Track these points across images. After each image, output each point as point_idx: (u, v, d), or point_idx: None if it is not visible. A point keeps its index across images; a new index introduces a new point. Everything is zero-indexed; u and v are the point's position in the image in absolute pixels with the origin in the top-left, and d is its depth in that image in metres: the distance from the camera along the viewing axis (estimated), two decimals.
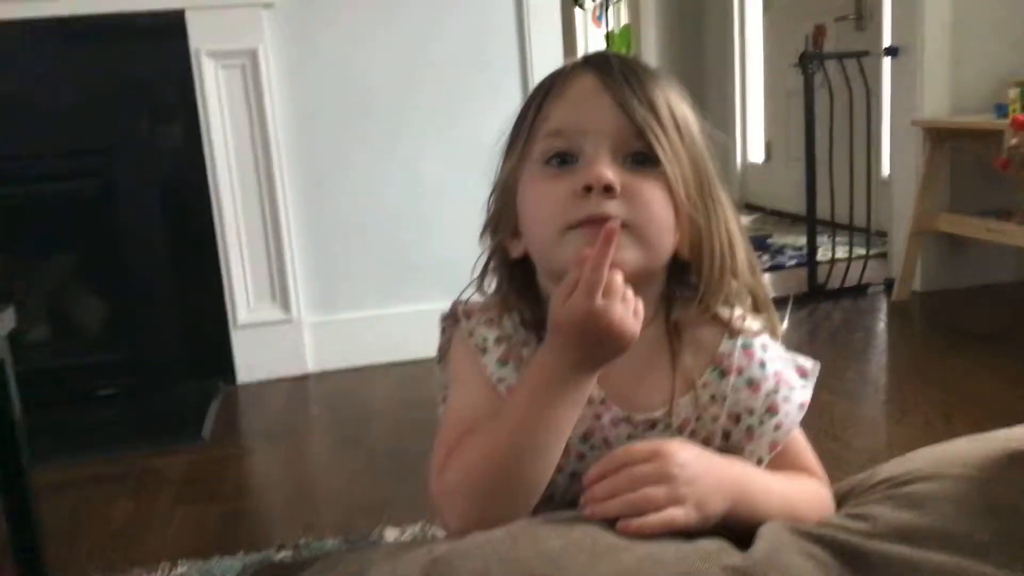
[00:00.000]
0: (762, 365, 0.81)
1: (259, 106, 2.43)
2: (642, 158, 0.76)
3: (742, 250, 0.81)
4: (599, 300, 0.68)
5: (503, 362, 0.81)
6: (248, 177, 2.46)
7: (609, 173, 0.74)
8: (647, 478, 0.70)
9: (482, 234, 0.87)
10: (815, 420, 1.96)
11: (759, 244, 3.99)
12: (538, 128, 0.79)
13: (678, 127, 0.78)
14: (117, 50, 2.37)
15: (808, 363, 0.86)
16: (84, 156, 2.39)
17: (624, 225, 0.73)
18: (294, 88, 2.48)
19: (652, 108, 0.77)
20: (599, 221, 0.72)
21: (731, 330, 0.81)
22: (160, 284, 2.44)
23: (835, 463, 1.67)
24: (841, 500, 0.81)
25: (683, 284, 0.82)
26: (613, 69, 0.78)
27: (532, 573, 0.62)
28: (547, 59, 2.56)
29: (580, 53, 0.88)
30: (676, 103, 0.79)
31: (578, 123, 0.77)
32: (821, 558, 0.66)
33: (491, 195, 0.86)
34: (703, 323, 0.81)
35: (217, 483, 1.85)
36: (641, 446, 0.72)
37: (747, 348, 0.81)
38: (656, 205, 0.76)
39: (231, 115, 2.43)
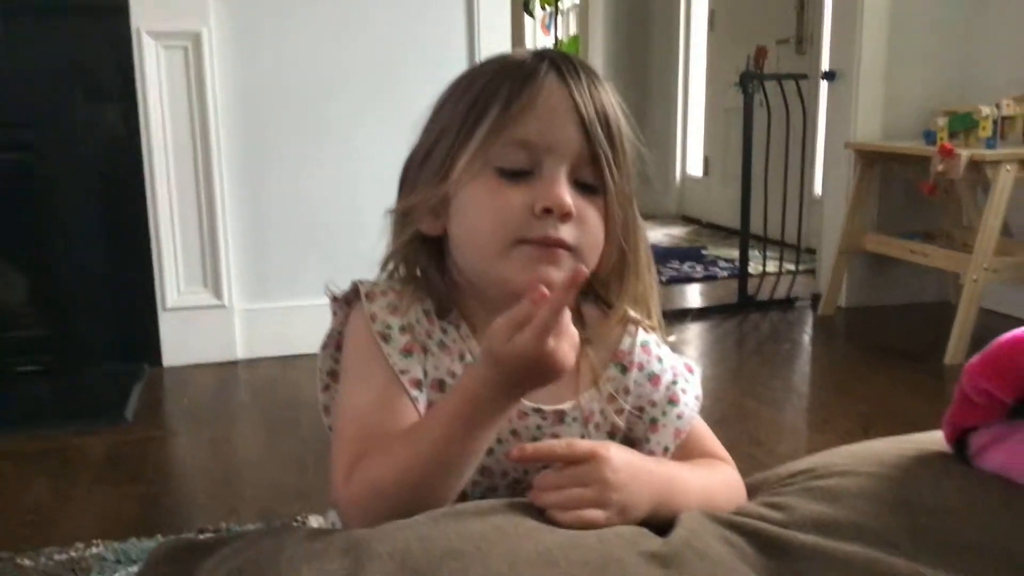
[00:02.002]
0: (660, 360, 0.85)
1: (200, 89, 2.39)
2: (589, 181, 0.78)
3: (643, 251, 0.84)
4: (551, 342, 0.66)
5: (407, 353, 0.78)
6: (185, 160, 2.41)
7: (569, 199, 0.75)
8: (581, 479, 0.71)
9: (396, 211, 0.83)
10: (739, 425, 2.01)
11: (693, 255, 4.06)
12: (502, 128, 0.76)
13: (623, 148, 0.79)
14: (56, 26, 2.30)
15: (692, 363, 0.90)
16: (13, 128, 2.32)
17: (568, 249, 0.75)
18: (236, 73, 2.45)
19: (608, 131, 0.77)
20: (551, 244, 0.74)
21: (632, 322, 0.84)
22: (88, 262, 2.38)
23: (757, 468, 1.70)
24: (755, 491, 0.84)
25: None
26: (581, 81, 0.77)
27: (453, 549, 0.63)
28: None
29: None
30: (621, 118, 0.80)
31: (546, 139, 0.76)
32: (738, 544, 0.68)
33: (414, 170, 0.83)
34: (604, 321, 0.83)
35: (138, 465, 1.81)
36: (581, 445, 0.72)
37: (645, 345, 0.85)
38: (598, 231, 0.78)
39: (170, 97, 2.38)
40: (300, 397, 2.24)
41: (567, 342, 0.68)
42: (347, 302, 0.84)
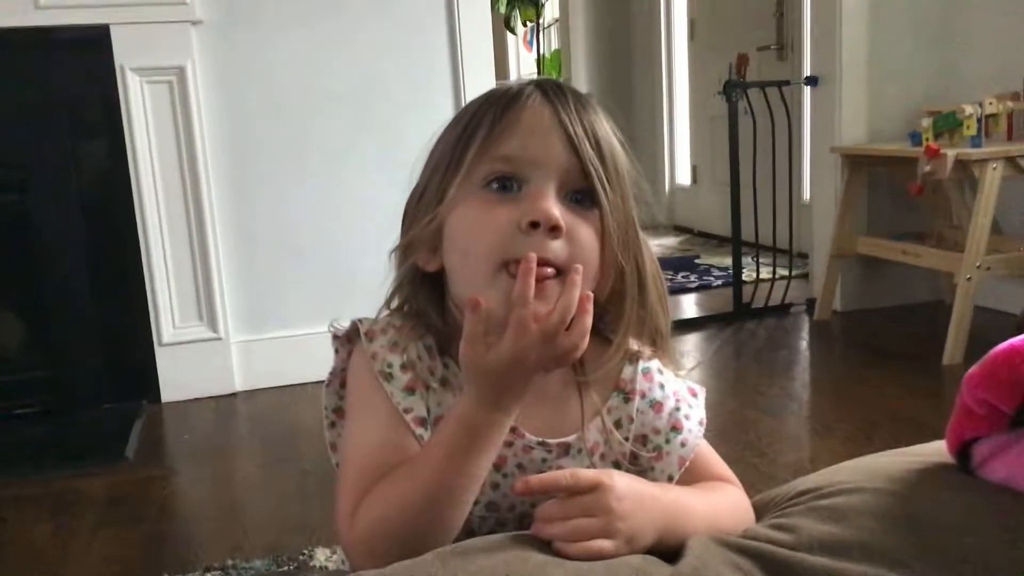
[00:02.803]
0: (662, 387, 0.84)
1: (187, 123, 2.40)
2: (581, 197, 0.76)
3: (654, 283, 0.82)
4: (533, 328, 0.67)
5: (409, 391, 0.78)
6: (174, 194, 2.41)
7: (557, 212, 0.73)
8: (586, 509, 0.70)
9: (398, 249, 0.83)
10: (740, 435, 2.02)
11: (687, 264, 4.07)
12: (486, 150, 0.76)
13: (617, 168, 0.78)
14: (39, 64, 2.31)
15: (696, 386, 0.89)
16: (1, 169, 2.32)
17: (558, 269, 0.73)
18: (223, 105, 2.46)
19: (599, 149, 0.77)
20: (539, 264, 0.71)
21: (632, 356, 0.83)
22: (82, 302, 2.38)
23: (761, 478, 1.71)
24: (762, 510, 0.83)
25: None
26: (568, 102, 0.77)
27: None
28: (479, 80, 2.58)
29: (512, 77, 0.88)
30: (615, 142, 0.79)
31: (529, 153, 0.75)
32: (747, 569, 0.67)
33: (411, 203, 0.83)
34: (604, 357, 0.81)
35: (141, 504, 1.80)
36: (585, 474, 0.71)
37: (646, 373, 0.84)
38: (591, 248, 0.76)
39: (157, 132, 2.39)
40: (299, 427, 2.24)
41: (553, 338, 0.68)
42: (348, 340, 0.83)
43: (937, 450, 0.86)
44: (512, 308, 0.68)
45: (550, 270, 0.73)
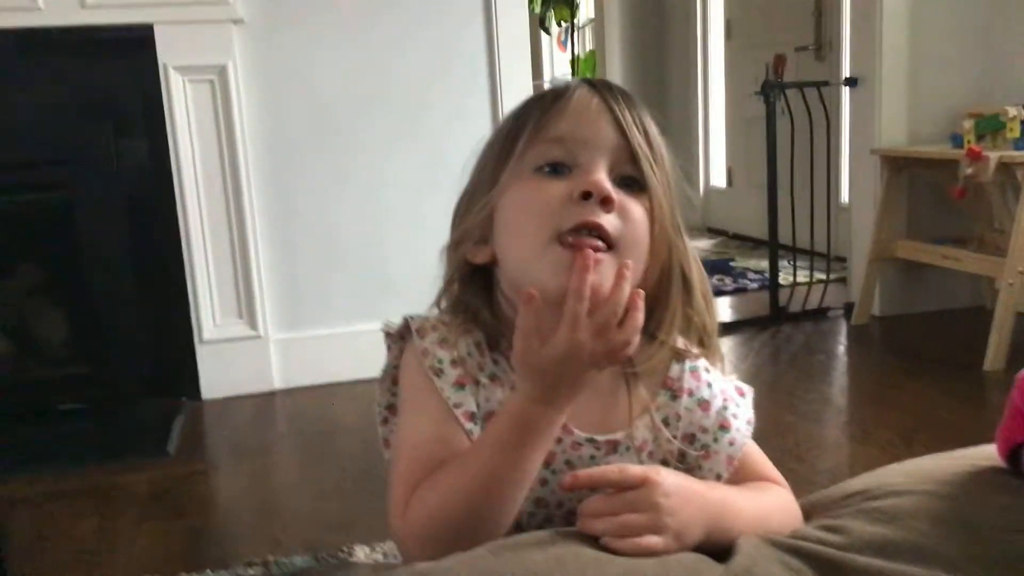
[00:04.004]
0: (709, 385, 0.85)
1: (227, 121, 2.43)
2: (630, 181, 0.78)
3: (699, 282, 0.83)
4: (582, 335, 0.68)
5: (459, 386, 0.79)
6: (215, 193, 2.44)
7: (609, 184, 0.75)
8: (634, 504, 0.70)
9: (448, 247, 0.85)
10: (778, 441, 2.00)
11: (722, 267, 4.05)
12: (536, 134, 0.78)
13: (663, 163, 0.80)
14: (84, 63, 2.35)
15: (744, 386, 0.89)
16: (47, 168, 2.37)
17: (608, 242, 0.75)
18: (263, 104, 2.48)
19: (646, 135, 0.79)
20: (591, 227, 0.74)
21: (679, 354, 0.84)
22: (124, 299, 2.41)
23: (799, 483, 1.69)
24: (808, 512, 0.83)
25: None
26: (616, 95, 0.79)
27: None
28: (516, 82, 2.59)
29: (547, 77, 0.90)
30: (661, 139, 0.81)
31: (579, 133, 0.77)
32: (799, 569, 0.68)
33: (463, 203, 0.85)
34: (653, 348, 0.82)
35: (183, 499, 1.83)
36: (633, 470, 0.72)
37: (694, 371, 0.85)
38: (641, 227, 0.77)
39: (199, 130, 2.42)
40: (337, 425, 2.26)
41: (605, 333, 0.68)
42: (400, 337, 0.85)
43: (986, 453, 0.85)
44: (566, 301, 0.68)
45: (602, 243, 0.74)
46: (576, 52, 6.67)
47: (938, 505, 0.74)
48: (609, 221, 0.75)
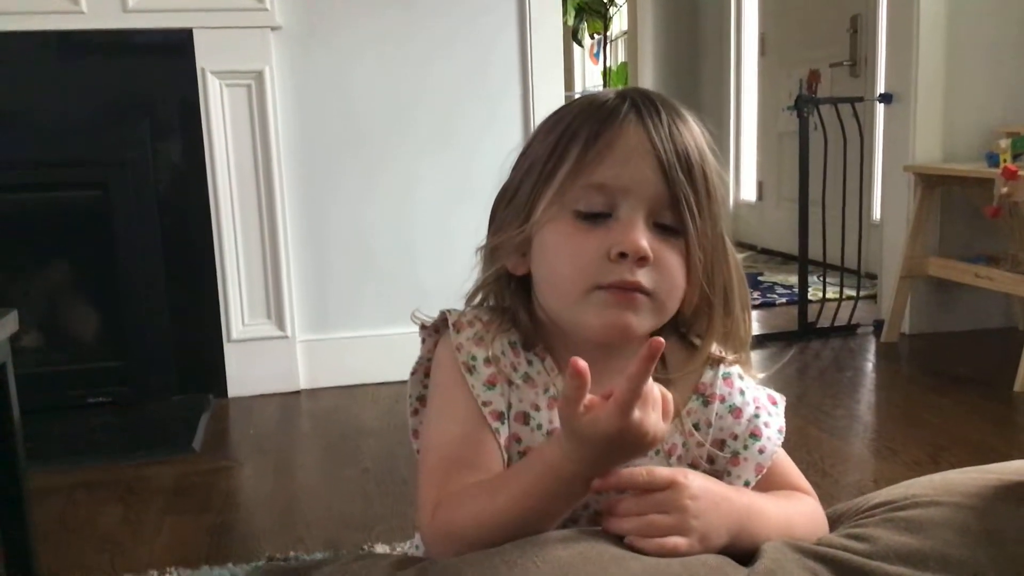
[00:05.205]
0: (742, 393, 0.85)
1: (263, 126, 2.45)
2: (670, 222, 0.77)
3: (739, 293, 0.83)
4: (636, 414, 0.66)
5: (490, 385, 0.79)
6: (248, 195, 2.47)
7: (645, 243, 0.74)
8: (660, 505, 0.71)
9: (485, 249, 0.85)
10: (804, 455, 1.99)
11: (751, 281, 4.03)
12: (579, 172, 0.77)
13: (708, 189, 0.78)
14: (124, 65, 2.39)
15: (776, 394, 0.89)
16: (85, 167, 2.41)
17: (646, 293, 0.75)
18: (298, 109, 2.51)
19: (690, 172, 0.77)
20: (628, 288, 0.74)
21: (712, 360, 0.84)
22: (156, 296, 2.45)
23: (824, 498, 1.67)
24: (834, 523, 0.83)
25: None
26: (662, 121, 0.77)
27: (541, 574, 0.64)
28: (548, 92, 2.60)
29: (578, 89, 0.88)
30: (706, 155, 0.79)
31: (621, 182, 0.76)
32: (822, 574, 0.67)
33: (501, 209, 0.84)
34: (688, 360, 0.83)
35: (207, 495, 1.84)
36: (661, 472, 0.72)
37: (727, 378, 0.85)
38: (677, 274, 0.77)
39: (234, 133, 2.45)
40: (361, 426, 2.27)
41: (654, 411, 0.67)
42: (435, 330, 0.85)
43: (1015, 468, 0.84)
44: (623, 386, 0.66)
45: (639, 295, 0.75)
46: (608, 64, 6.68)
47: (965, 516, 0.74)
48: (644, 276, 0.75)
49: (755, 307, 3.58)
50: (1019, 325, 2.85)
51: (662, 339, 0.66)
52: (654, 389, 0.68)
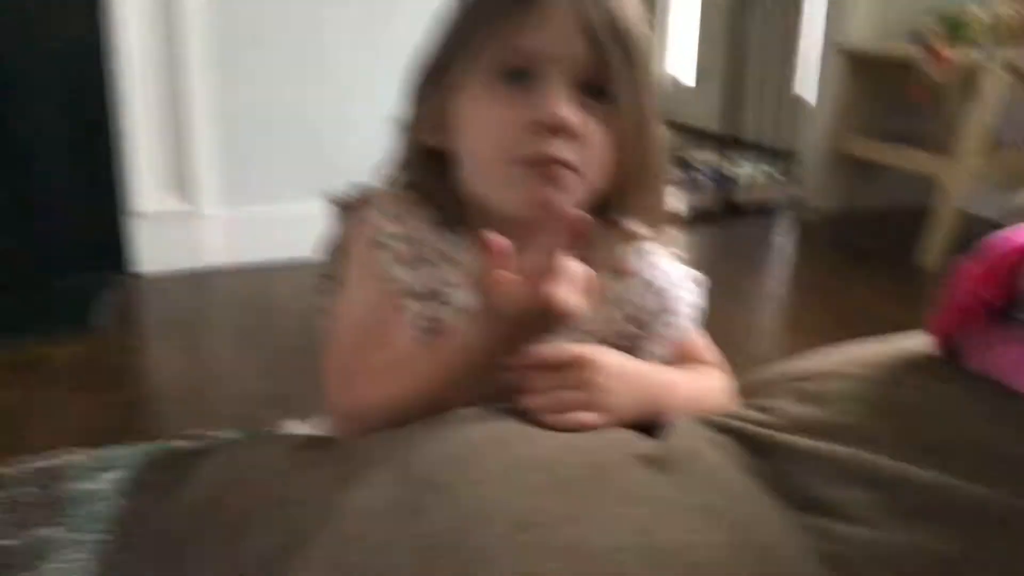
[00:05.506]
0: (659, 269, 0.84)
1: None
2: (598, 90, 0.74)
3: (660, 164, 0.81)
4: (552, 289, 0.66)
5: (404, 264, 0.77)
6: (154, 57, 2.32)
7: (567, 113, 0.71)
8: (571, 382, 0.70)
9: (400, 121, 0.81)
10: (718, 329, 2.00)
11: (679, 162, 4.02)
12: (498, 34, 0.73)
13: (637, 59, 0.75)
14: None
15: (696, 272, 0.89)
16: None
17: (569, 167, 0.73)
18: None
19: (619, 41, 0.73)
20: (550, 161, 0.72)
21: (631, 237, 0.83)
22: (52, 168, 2.31)
23: (736, 371, 1.71)
24: (744, 395, 0.85)
25: None
26: None
27: (449, 455, 0.63)
28: None
29: None
30: (636, 23, 0.75)
31: (544, 46, 0.72)
32: (729, 447, 0.69)
33: (418, 79, 0.80)
34: (607, 238, 0.81)
35: (112, 373, 1.79)
36: (570, 349, 0.72)
37: (645, 255, 0.84)
38: (603, 146, 0.74)
39: None
40: (275, 304, 2.22)
41: (572, 288, 0.67)
42: (348, 207, 0.83)
43: (920, 342, 0.85)
44: (542, 260, 0.66)
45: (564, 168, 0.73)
46: None
47: (867, 388, 0.75)
48: (567, 149, 0.72)
49: (680, 187, 3.57)
50: (935, 205, 2.91)
51: (589, 216, 0.65)
52: (574, 266, 0.67)
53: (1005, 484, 0.62)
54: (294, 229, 2.49)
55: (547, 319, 0.67)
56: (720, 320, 0.95)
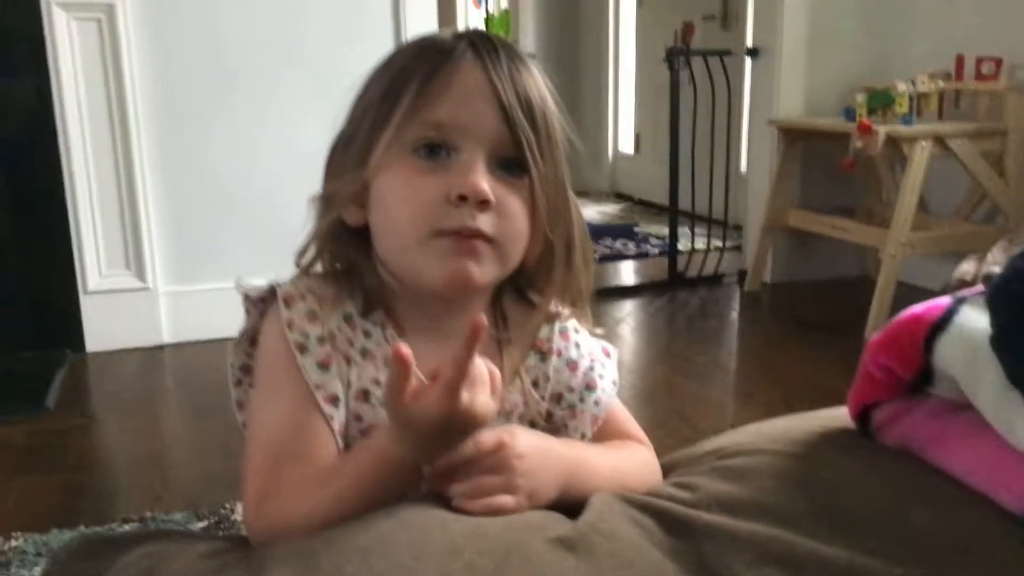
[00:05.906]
0: (577, 346, 0.85)
1: (116, 63, 2.32)
2: (512, 164, 0.75)
3: (581, 246, 0.82)
4: (464, 397, 0.64)
5: (325, 366, 0.75)
6: (102, 137, 2.35)
7: (486, 186, 0.72)
8: (488, 467, 0.70)
9: (320, 199, 0.80)
10: (666, 401, 2.05)
11: (626, 232, 4.10)
12: (415, 112, 0.74)
13: (549, 133, 0.77)
14: None
15: (609, 346, 0.89)
16: None
17: (488, 240, 0.73)
18: (155, 47, 2.38)
19: (531, 115, 0.75)
20: (469, 234, 0.72)
21: (550, 316, 0.84)
22: (3, 247, 2.31)
23: (683, 443, 1.73)
24: (669, 471, 0.86)
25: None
26: (500, 62, 0.75)
27: (359, 547, 0.62)
28: (420, 15, 2.55)
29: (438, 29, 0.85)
30: (547, 100, 0.78)
31: (459, 120, 0.73)
32: (647, 525, 0.69)
33: (337, 155, 0.81)
34: (527, 319, 0.83)
35: (60, 454, 1.77)
36: (486, 438, 0.71)
37: (564, 332, 0.85)
38: (520, 220, 0.76)
39: (84, 71, 2.31)
40: (225, 382, 2.20)
41: (482, 391, 0.66)
42: (262, 301, 0.80)
43: (839, 415, 0.88)
44: (449, 371, 0.64)
45: (480, 242, 0.73)
46: (490, 10, 6.61)
47: (784, 464, 0.77)
48: (486, 222, 0.73)
49: (630, 257, 3.65)
50: (872, 274, 3.00)
51: (483, 317, 0.64)
52: (480, 367, 0.66)
53: (912, 560, 0.65)
54: (240, 305, 2.50)
55: (460, 427, 0.66)
56: (669, 391, 0.97)
